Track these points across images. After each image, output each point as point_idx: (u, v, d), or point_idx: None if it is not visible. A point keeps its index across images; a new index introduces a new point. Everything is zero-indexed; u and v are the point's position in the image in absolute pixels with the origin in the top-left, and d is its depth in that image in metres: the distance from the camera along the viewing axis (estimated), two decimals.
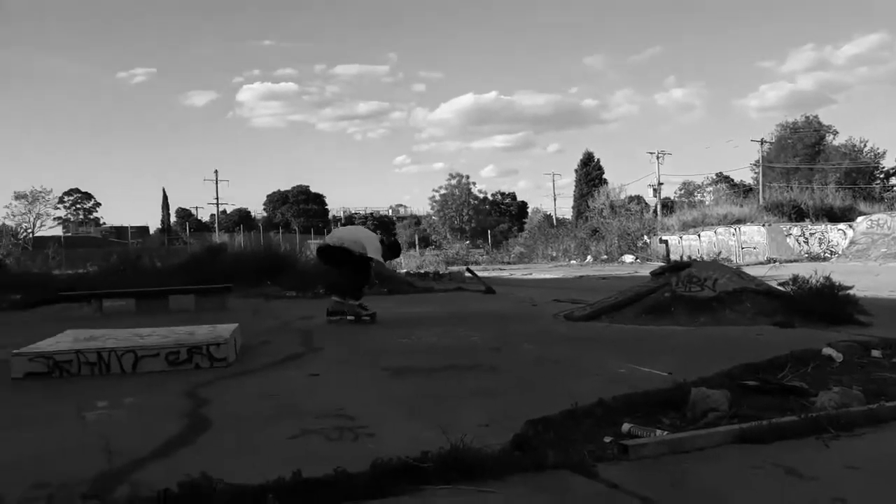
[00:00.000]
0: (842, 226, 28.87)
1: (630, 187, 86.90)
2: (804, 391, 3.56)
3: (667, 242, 30.39)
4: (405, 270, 18.76)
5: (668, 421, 3.14)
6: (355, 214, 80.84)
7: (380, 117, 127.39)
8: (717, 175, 61.29)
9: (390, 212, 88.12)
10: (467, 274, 15.45)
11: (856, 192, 43.55)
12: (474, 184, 62.87)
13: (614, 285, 11.49)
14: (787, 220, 32.18)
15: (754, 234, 29.85)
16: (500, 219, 66.82)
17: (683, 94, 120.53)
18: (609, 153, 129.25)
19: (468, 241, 50.04)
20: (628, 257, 32.99)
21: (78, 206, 76.55)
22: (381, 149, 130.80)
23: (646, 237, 36.02)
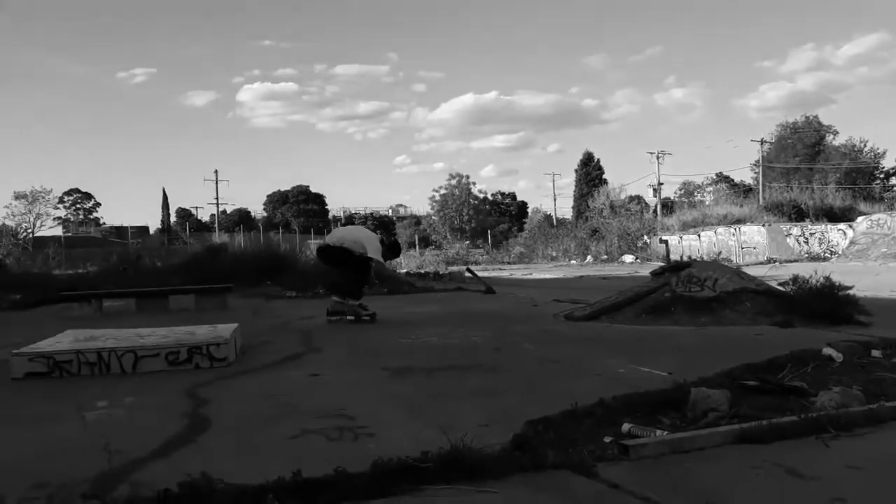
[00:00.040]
0: (842, 226, 28.88)
1: (630, 187, 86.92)
2: (804, 391, 3.56)
3: (667, 242, 30.34)
4: (405, 270, 18.74)
5: (669, 421, 3.14)
6: (355, 214, 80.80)
7: (380, 117, 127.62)
8: (717, 175, 61.42)
9: (390, 212, 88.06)
10: (467, 274, 15.44)
11: (856, 192, 43.56)
12: (474, 184, 62.96)
13: (614, 285, 11.49)
14: (787, 220, 32.20)
15: (754, 234, 29.86)
16: (500, 219, 66.81)
17: (683, 94, 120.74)
18: (609, 153, 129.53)
19: (468, 242, 49.94)
20: (628, 257, 32.99)
21: (78, 206, 76.58)
22: (381, 149, 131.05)
23: (646, 237, 36.02)
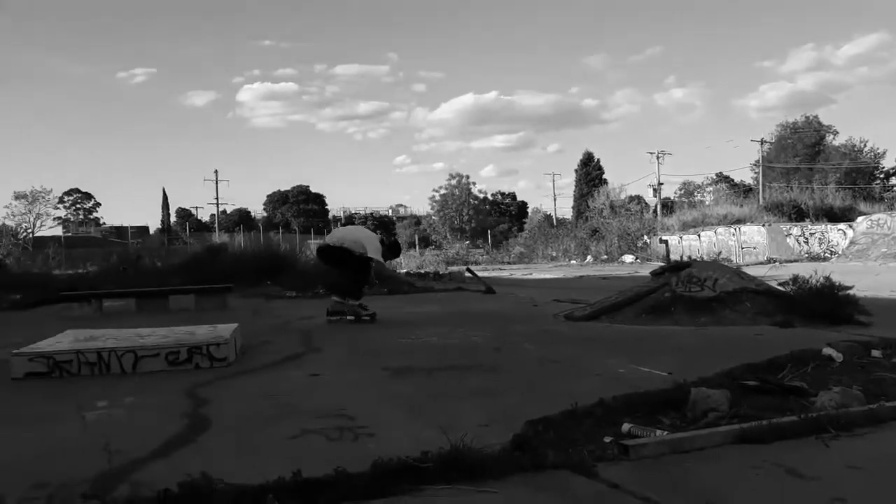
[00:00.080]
0: (842, 226, 28.88)
1: (630, 187, 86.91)
2: (804, 391, 3.56)
3: (667, 242, 30.34)
4: (405, 270, 18.74)
5: (669, 421, 3.14)
6: (355, 214, 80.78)
7: (380, 117, 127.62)
8: (717, 175, 61.42)
9: (390, 212, 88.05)
10: (467, 274, 15.44)
11: (856, 192, 43.56)
12: (474, 184, 62.95)
13: (614, 285, 11.49)
14: (787, 220, 32.19)
15: (754, 234, 29.86)
16: (500, 219, 66.79)
17: (683, 94, 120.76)
18: (609, 153, 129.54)
19: (468, 241, 49.93)
20: (628, 257, 32.99)
21: (78, 206, 76.57)
22: (381, 149, 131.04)
23: (646, 237, 36.02)
